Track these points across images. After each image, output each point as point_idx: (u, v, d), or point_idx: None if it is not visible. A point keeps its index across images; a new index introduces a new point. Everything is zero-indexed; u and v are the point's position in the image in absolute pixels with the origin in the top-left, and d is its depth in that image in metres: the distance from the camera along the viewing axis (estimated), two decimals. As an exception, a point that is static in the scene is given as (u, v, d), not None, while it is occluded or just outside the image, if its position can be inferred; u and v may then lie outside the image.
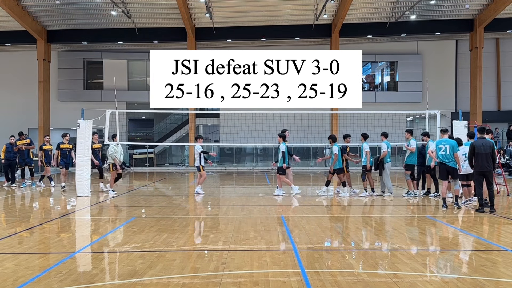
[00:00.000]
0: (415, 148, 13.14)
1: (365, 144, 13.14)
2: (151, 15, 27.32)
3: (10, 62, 31.47)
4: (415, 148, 13.14)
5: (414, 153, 13.14)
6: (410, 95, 30.89)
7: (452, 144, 10.86)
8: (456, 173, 10.95)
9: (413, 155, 13.15)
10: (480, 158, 10.01)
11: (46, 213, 10.88)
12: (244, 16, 27.46)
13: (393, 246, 7.04)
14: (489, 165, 10.03)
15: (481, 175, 10.13)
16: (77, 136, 13.48)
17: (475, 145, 10.10)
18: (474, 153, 10.11)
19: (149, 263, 5.93)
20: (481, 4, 26.72)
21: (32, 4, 25.85)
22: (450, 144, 10.87)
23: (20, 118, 30.62)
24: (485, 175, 10.11)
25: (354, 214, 10.60)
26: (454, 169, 10.89)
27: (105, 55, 31.89)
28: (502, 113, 31.40)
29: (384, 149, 12.97)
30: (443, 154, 10.89)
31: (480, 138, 10.26)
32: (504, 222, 9.23)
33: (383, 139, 13.26)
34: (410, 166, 13.18)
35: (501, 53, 31.96)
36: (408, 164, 13.19)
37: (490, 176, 10.14)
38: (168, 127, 32.96)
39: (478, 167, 10.09)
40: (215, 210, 11.23)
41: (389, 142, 13.25)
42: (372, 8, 27.04)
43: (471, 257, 6.45)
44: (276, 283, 5.13)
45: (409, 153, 13.17)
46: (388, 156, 13.10)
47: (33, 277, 5.36)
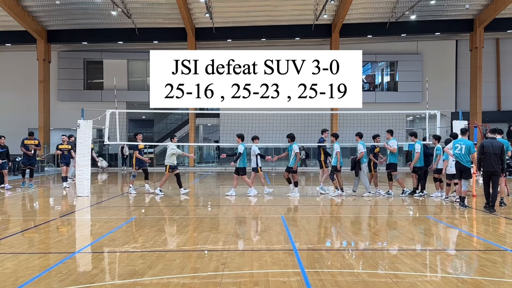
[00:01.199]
0: (396, 148, 13.25)
1: (336, 145, 13.24)
2: (151, 15, 27.33)
3: (10, 62, 31.49)
4: (396, 148, 13.25)
5: (395, 153, 13.29)
6: (410, 95, 30.90)
7: (468, 144, 11.04)
8: (468, 173, 11.10)
9: (394, 155, 13.31)
10: (488, 158, 10.12)
11: (46, 213, 10.88)
12: (244, 16, 27.47)
13: (393, 246, 7.04)
14: (497, 165, 10.09)
15: (487, 175, 10.21)
16: (77, 136, 13.48)
17: (484, 145, 10.25)
18: (483, 152, 10.20)
19: (149, 263, 5.93)
20: (481, 4, 26.73)
21: (32, 4, 25.87)
22: (466, 144, 11.04)
23: (20, 118, 30.64)
24: (491, 175, 10.16)
25: (354, 214, 10.59)
26: (467, 169, 11.02)
27: (105, 55, 31.89)
28: (502, 113, 31.40)
29: (361, 149, 13.05)
30: (458, 153, 11.10)
31: (490, 138, 10.41)
32: (504, 222, 9.23)
33: (358, 140, 13.37)
34: (392, 165, 13.25)
35: (501, 53, 31.96)
36: (391, 164, 13.27)
37: (496, 177, 10.19)
38: (168, 127, 32.95)
39: (486, 167, 10.18)
40: (215, 210, 11.23)
41: (364, 143, 13.34)
42: (372, 8, 27.04)
43: (471, 257, 6.44)
44: (276, 283, 5.13)
45: (390, 153, 13.25)
46: (365, 156, 13.20)
47: (33, 277, 5.36)
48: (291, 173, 13.48)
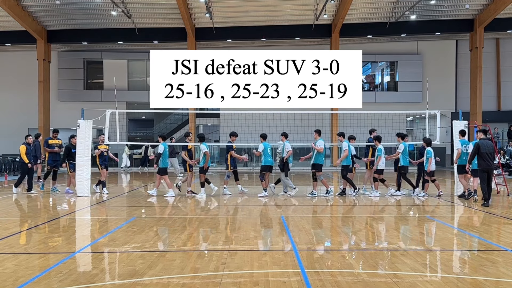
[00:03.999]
0: (322, 148, 13.26)
1: (261, 145, 13.23)
2: (151, 15, 27.33)
3: (10, 62, 31.49)
4: (322, 148, 13.26)
5: (322, 153, 13.30)
6: (410, 95, 30.89)
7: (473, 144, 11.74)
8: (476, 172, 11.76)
9: (321, 155, 13.29)
10: (484, 157, 11.09)
11: (46, 213, 10.88)
12: (244, 16, 27.47)
13: (393, 246, 7.04)
14: (492, 163, 11.20)
15: (485, 172, 11.20)
16: (77, 136, 13.48)
17: (480, 145, 11.11)
18: (478, 152, 11.12)
19: (149, 263, 5.93)
20: (481, 4, 26.72)
21: (32, 4, 25.86)
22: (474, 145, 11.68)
23: (20, 118, 30.67)
24: (489, 172, 11.25)
25: (354, 214, 10.59)
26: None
27: (105, 55, 31.89)
28: (502, 113, 31.40)
29: (288, 149, 13.05)
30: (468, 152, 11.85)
31: (483, 139, 11.36)
32: (504, 222, 9.23)
33: (283, 140, 13.40)
34: (317, 166, 13.23)
35: (501, 53, 31.95)
36: (315, 164, 13.25)
37: (492, 173, 11.40)
38: (168, 127, 32.97)
39: (483, 165, 11.15)
40: (215, 210, 11.23)
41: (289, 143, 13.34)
42: (372, 8, 27.04)
43: (471, 257, 6.44)
44: (276, 283, 5.13)
45: (316, 153, 13.24)
46: (292, 156, 13.23)
47: (33, 277, 5.35)
48: (200, 173, 13.32)
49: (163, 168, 13.48)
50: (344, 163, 13.23)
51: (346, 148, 13.13)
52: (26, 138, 14.31)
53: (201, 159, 13.20)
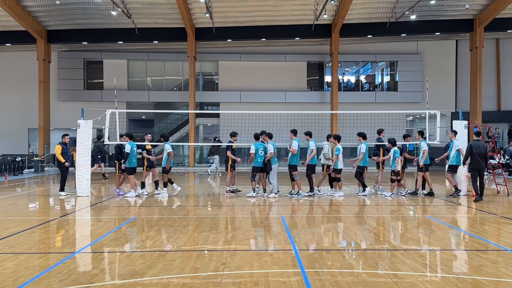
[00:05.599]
0: (296, 150, 13.16)
1: (252, 146, 13.14)
2: (151, 15, 27.33)
3: (10, 62, 31.50)
4: (296, 150, 13.16)
5: (296, 154, 13.19)
6: (410, 95, 30.90)
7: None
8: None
9: (295, 156, 13.20)
10: (476, 157, 11.95)
11: (46, 213, 10.88)
12: (244, 16, 27.48)
13: (393, 246, 7.04)
14: (483, 162, 12.09)
15: (476, 171, 12.09)
16: (77, 136, 13.47)
17: (473, 146, 11.97)
18: (471, 152, 11.96)
19: (149, 263, 5.93)
20: (481, 4, 26.72)
21: (32, 4, 25.86)
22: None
23: (20, 118, 30.68)
24: (479, 171, 12.09)
25: (354, 214, 10.59)
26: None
27: (105, 55, 31.88)
28: (502, 113, 31.41)
29: (270, 150, 12.96)
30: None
31: (476, 140, 12.21)
32: (504, 222, 9.24)
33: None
34: (293, 167, 13.19)
35: (501, 53, 31.97)
36: (291, 165, 13.19)
37: (483, 172, 12.25)
38: (168, 127, 32.96)
39: (475, 164, 12.05)
40: (215, 210, 11.23)
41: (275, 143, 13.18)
42: (372, 8, 27.04)
43: (471, 257, 6.44)
44: (276, 283, 5.13)
45: (291, 154, 13.17)
46: (275, 157, 13.12)
47: (33, 277, 5.36)
48: (163, 173, 13.29)
49: (130, 168, 13.34)
50: (311, 162, 13.22)
51: (313, 147, 13.16)
52: (63, 138, 13.91)
53: (164, 159, 13.15)
